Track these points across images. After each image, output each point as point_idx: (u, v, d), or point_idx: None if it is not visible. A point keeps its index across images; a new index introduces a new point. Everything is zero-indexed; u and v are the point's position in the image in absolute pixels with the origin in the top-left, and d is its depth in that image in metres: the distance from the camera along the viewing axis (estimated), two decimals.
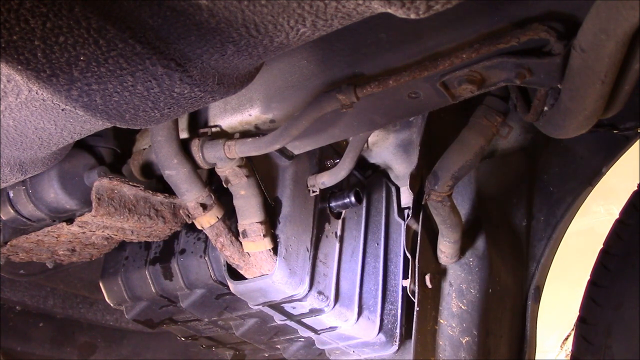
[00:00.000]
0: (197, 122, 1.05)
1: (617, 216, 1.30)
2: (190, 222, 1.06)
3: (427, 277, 1.23)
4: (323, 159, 1.19)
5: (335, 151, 1.22)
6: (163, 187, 1.07)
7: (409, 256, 1.23)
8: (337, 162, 1.13)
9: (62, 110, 0.71)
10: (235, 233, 1.06)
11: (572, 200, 1.33)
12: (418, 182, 1.25)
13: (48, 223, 1.08)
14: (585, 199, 1.35)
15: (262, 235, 1.04)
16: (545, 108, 0.89)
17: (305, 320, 1.18)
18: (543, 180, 1.38)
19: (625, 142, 1.30)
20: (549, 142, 1.36)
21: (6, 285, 1.62)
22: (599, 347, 1.24)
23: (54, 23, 0.53)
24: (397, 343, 1.24)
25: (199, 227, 1.04)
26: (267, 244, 1.04)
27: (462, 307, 1.26)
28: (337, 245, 1.18)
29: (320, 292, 1.11)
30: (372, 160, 1.29)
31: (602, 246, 1.31)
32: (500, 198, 1.41)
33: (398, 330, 1.25)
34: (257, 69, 0.76)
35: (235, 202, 1.06)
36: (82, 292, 1.82)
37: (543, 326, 1.42)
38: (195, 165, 1.00)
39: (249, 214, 1.05)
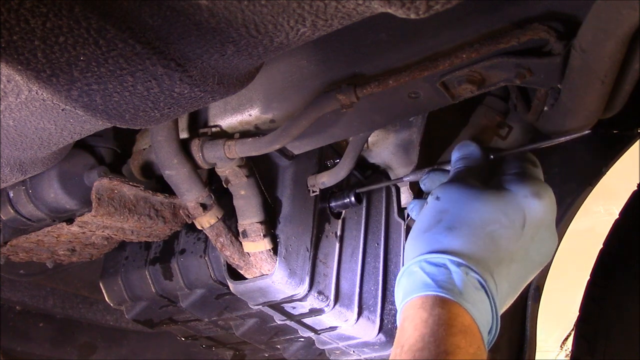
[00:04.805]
0: (197, 122, 1.05)
1: (617, 216, 1.30)
2: (190, 222, 1.06)
3: None
4: (323, 159, 1.19)
5: (335, 151, 1.22)
6: (163, 187, 1.07)
7: None
8: (337, 162, 1.13)
9: (62, 110, 0.71)
10: (235, 233, 1.06)
11: (572, 200, 1.33)
12: (418, 182, 1.25)
13: (48, 223, 1.08)
14: (585, 199, 1.35)
15: (262, 235, 1.04)
16: (545, 108, 0.89)
17: (305, 320, 1.18)
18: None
19: (625, 142, 1.30)
20: None
21: (6, 285, 1.62)
22: (599, 347, 1.24)
23: (54, 23, 0.53)
24: None
25: (199, 227, 1.04)
26: (267, 244, 1.04)
27: None
28: (337, 245, 1.18)
29: (320, 292, 1.11)
30: (372, 160, 1.29)
31: (602, 246, 1.32)
32: None
33: None
34: (257, 69, 0.76)
35: (235, 202, 1.06)
36: (82, 292, 1.82)
37: (543, 326, 1.42)
38: (195, 165, 1.00)
39: (249, 214, 1.05)
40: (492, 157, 0.90)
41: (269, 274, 1.05)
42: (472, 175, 0.85)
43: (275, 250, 1.06)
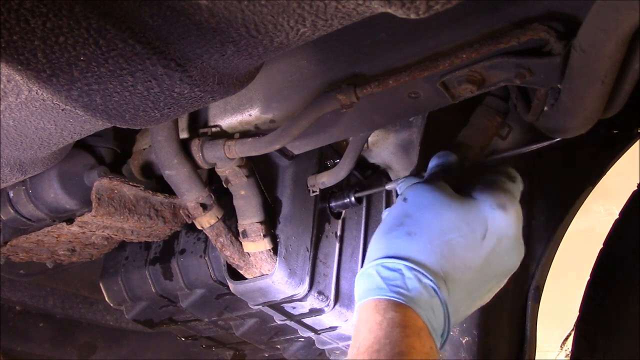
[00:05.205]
0: (197, 122, 1.05)
1: (617, 216, 1.30)
2: (190, 222, 1.06)
3: None
4: (323, 159, 1.19)
5: (335, 151, 1.22)
6: (163, 187, 1.07)
7: None
8: (337, 162, 1.13)
9: (62, 110, 0.71)
10: (235, 233, 1.06)
11: (572, 200, 1.33)
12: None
13: (48, 223, 1.08)
14: (585, 199, 1.35)
15: (262, 235, 1.04)
16: (545, 108, 0.89)
17: (305, 320, 1.18)
18: (543, 180, 1.38)
19: (625, 142, 1.30)
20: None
21: (6, 285, 1.62)
22: (599, 347, 1.24)
23: (54, 23, 0.53)
24: None
25: (199, 227, 1.04)
26: (267, 244, 1.04)
27: None
28: (337, 245, 1.18)
29: (320, 292, 1.11)
30: (372, 160, 1.29)
31: (602, 246, 1.31)
32: None
33: None
34: (257, 68, 0.76)
35: (235, 202, 1.06)
36: (82, 292, 1.82)
37: (543, 326, 1.42)
38: (195, 166, 1.00)
39: (249, 214, 1.05)
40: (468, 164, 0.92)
41: (269, 274, 1.05)
42: (444, 180, 0.87)
43: (275, 250, 1.06)
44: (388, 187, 1.03)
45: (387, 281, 0.75)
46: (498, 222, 0.81)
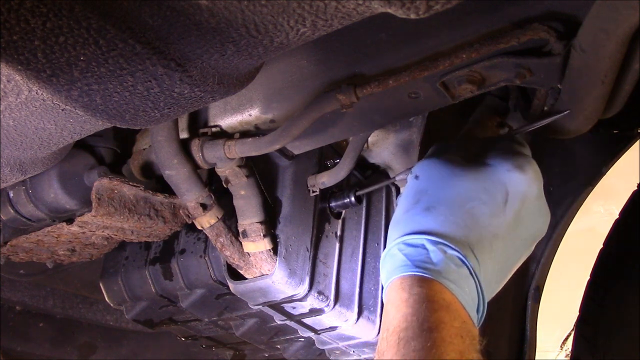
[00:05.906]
0: (197, 122, 1.05)
1: (617, 216, 1.30)
2: (190, 222, 1.06)
3: None
4: (323, 159, 1.19)
5: (335, 151, 1.22)
6: (163, 187, 1.07)
7: None
8: (337, 162, 1.13)
9: (62, 110, 0.71)
10: (235, 233, 1.06)
11: (572, 200, 1.33)
12: None
13: (48, 223, 1.08)
14: (585, 199, 1.35)
15: (262, 235, 1.04)
16: (545, 108, 0.89)
17: (305, 320, 1.18)
18: (543, 180, 1.38)
19: (625, 142, 1.30)
20: (548, 142, 1.36)
21: (6, 285, 1.62)
22: (599, 347, 1.24)
23: (54, 23, 0.53)
24: None
25: (199, 227, 1.04)
26: (267, 244, 1.04)
27: None
28: (337, 245, 1.18)
29: (320, 292, 1.11)
30: (372, 160, 1.29)
31: (602, 246, 1.32)
32: None
33: None
34: (257, 68, 0.76)
35: (235, 202, 1.06)
36: (82, 292, 1.82)
37: (543, 326, 1.42)
38: (195, 166, 1.00)
39: (249, 214, 1.05)
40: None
41: (269, 274, 1.05)
42: (451, 151, 0.84)
43: (275, 250, 1.06)
44: (399, 177, 1.02)
45: (410, 257, 0.71)
46: (517, 184, 0.77)
